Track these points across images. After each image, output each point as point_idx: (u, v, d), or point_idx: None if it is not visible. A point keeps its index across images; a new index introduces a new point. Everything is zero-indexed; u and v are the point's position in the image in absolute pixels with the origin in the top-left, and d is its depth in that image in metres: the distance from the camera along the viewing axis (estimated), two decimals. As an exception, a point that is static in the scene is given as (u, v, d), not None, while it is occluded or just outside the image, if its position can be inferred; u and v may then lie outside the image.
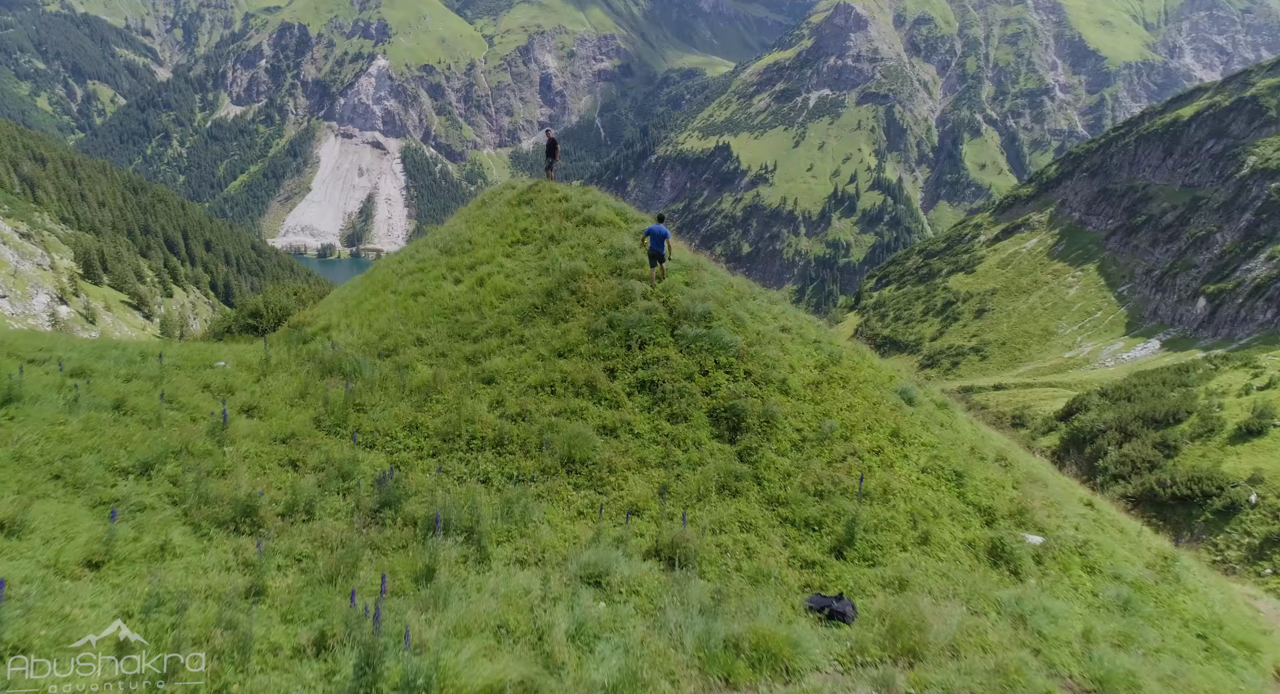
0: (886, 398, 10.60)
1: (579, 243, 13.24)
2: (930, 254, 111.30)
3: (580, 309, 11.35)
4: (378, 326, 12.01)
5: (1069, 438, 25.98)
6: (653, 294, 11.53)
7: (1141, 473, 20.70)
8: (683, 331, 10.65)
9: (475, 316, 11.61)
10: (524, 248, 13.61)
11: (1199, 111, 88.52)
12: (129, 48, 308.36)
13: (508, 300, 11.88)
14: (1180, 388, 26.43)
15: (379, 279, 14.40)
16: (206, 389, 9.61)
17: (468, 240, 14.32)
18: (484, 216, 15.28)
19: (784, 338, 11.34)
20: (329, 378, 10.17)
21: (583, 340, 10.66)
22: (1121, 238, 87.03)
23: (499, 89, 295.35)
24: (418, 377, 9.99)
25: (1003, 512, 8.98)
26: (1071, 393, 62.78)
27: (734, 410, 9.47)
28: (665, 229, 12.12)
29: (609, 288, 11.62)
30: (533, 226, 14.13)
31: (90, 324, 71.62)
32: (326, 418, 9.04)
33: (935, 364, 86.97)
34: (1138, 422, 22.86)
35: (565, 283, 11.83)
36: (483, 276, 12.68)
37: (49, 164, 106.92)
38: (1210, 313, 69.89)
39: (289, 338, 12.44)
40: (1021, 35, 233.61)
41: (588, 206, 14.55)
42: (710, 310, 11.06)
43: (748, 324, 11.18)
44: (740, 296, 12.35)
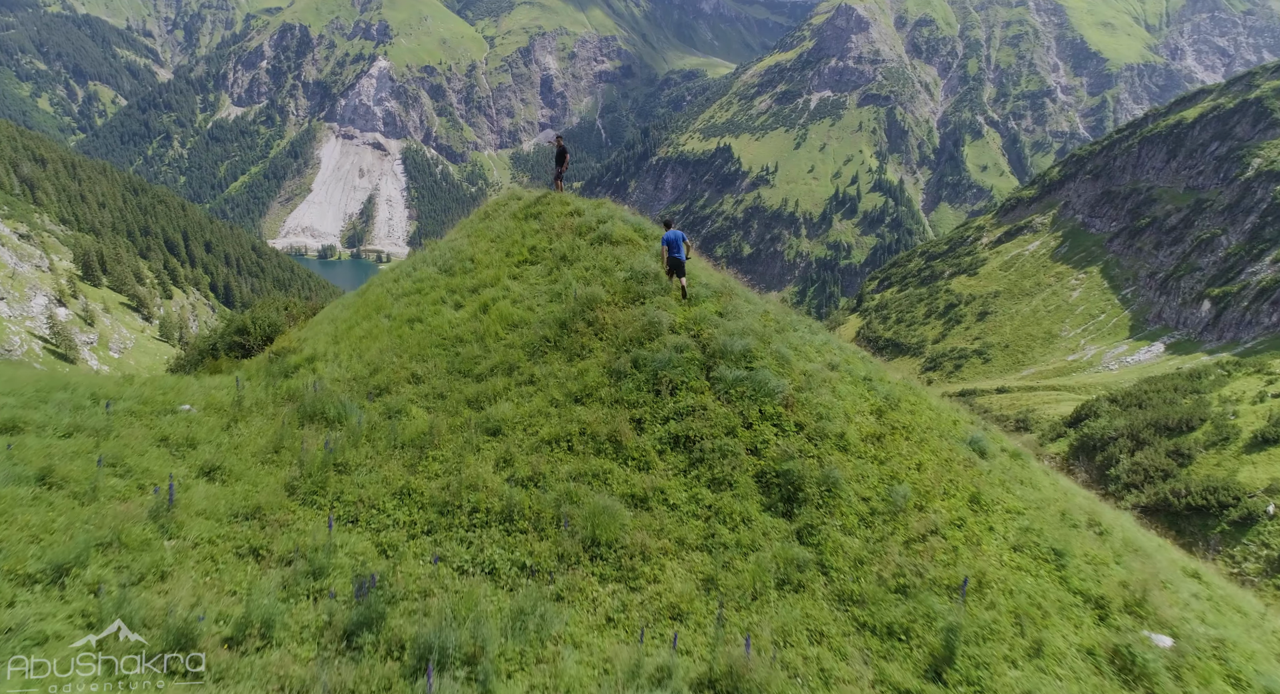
0: (956, 451, 9.24)
1: (594, 264, 11.89)
2: (932, 256, 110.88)
3: (598, 343, 9.98)
4: (368, 358, 10.76)
5: (1078, 444, 25.56)
6: (680, 327, 10.10)
7: (1155, 482, 20.28)
8: (720, 374, 9.20)
9: (478, 349, 10.31)
10: (532, 269, 12.30)
11: (1203, 113, 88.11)
12: (130, 49, 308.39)
13: (515, 331, 10.58)
14: (1192, 394, 25.97)
15: (372, 300, 13.09)
16: (163, 443, 8.22)
17: (469, 258, 13.05)
18: (487, 231, 14.00)
19: (833, 378, 9.81)
20: (310, 425, 8.91)
21: (603, 382, 9.28)
22: (1125, 240, 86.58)
23: (500, 90, 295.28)
24: (412, 425, 8.74)
25: (1116, 601, 7.46)
26: (1076, 396, 62.39)
27: (788, 476, 8.00)
28: (682, 233, 11.34)
29: (631, 318, 10.26)
30: (542, 244, 12.84)
31: (89, 326, 71.26)
32: (302, 482, 7.77)
33: (938, 367, 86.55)
34: (1150, 429, 22.39)
35: (580, 312, 10.48)
36: (486, 302, 11.40)
37: (49, 165, 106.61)
38: (1215, 316, 69.41)
39: (269, 370, 11.17)
40: (1023, 37, 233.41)
41: (603, 222, 13.20)
42: (750, 348, 9.62)
43: (793, 363, 9.72)
44: (781, 328, 10.85)
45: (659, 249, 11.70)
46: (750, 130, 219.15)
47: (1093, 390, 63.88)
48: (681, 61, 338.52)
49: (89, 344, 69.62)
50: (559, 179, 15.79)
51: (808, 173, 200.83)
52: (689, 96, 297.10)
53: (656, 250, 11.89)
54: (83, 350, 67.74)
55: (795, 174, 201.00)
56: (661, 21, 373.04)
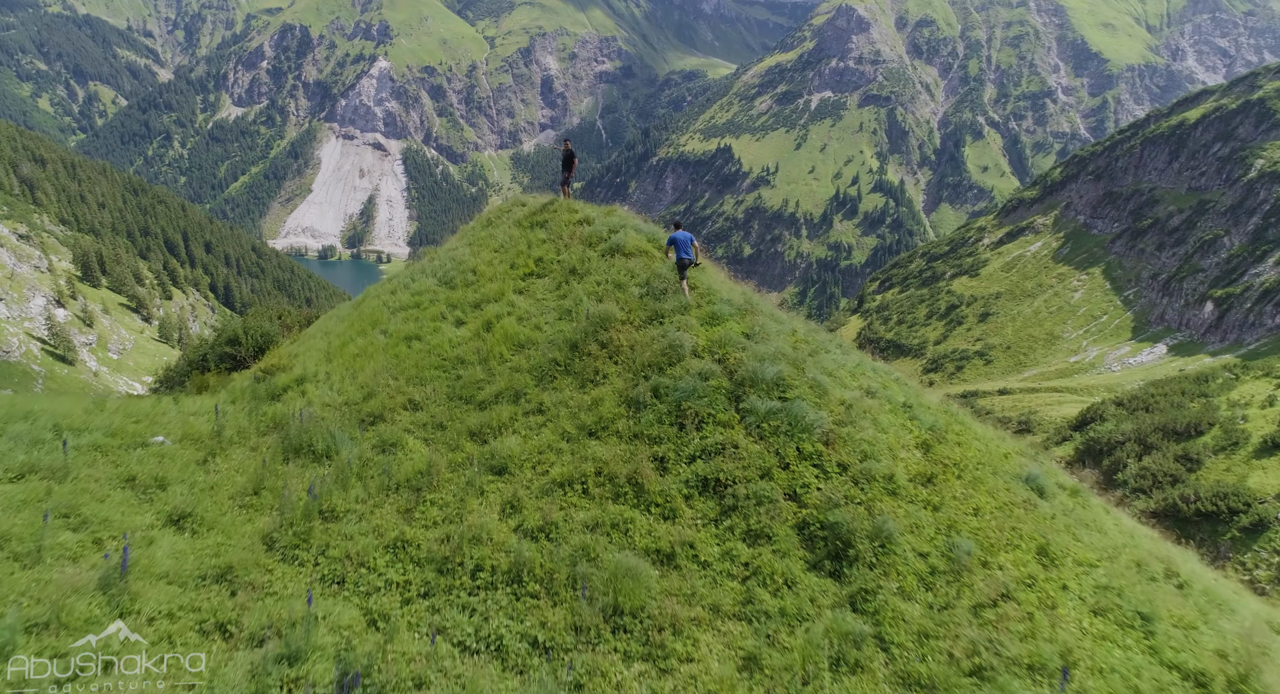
0: (1014, 491, 8.26)
1: (606, 278, 10.98)
2: (933, 257, 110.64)
3: (614, 368, 9.11)
4: (362, 380, 9.95)
5: (1084, 448, 25.28)
6: (704, 350, 9.21)
7: (1163, 487, 20.03)
8: (751, 405, 8.24)
9: (482, 372, 9.50)
10: (539, 282, 11.47)
11: (1205, 114, 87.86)
12: (130, 49, 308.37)
13: (521, 353, 9.76)
14: (1200, 398, 25.69)
15: (367, 313, 12.23)
16: (129, 485, 7.28)
17: (471, 270, 12.21)
18: (490, 240, 13.17)
19: (873, 407, 8.81)
20: (295, 460, 8.10)
21: (619, 413, 8.41)
22: (1127, 241, 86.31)
23: (500, 91, 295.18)
24: (409, 462, 7.93)
25: (1218, 678, 6.41)
26: (1078, 398, 62.10)
27: (835, 529, 7.00)
28: (690, 235, 10.81)
29: (649, 340, 9.36)
30: (549, 255, 12.03)
31: (88, 327, 71.01)
32: (283, 533, 6.89)
33: (939, 368, 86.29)
34: (1157, 433, 22.14)
35: (593, 332, 9.63)
36: (490, 319, 10.59)
37: (49, 165, 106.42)
38: (1218, 317, 69.14)
39: (255, 392, 10.32)
40: (1024, 37, 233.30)
41: (614, 232, 12.23)
42: (783, 375, 8.66)
43: (830, 392, 8.68)
44: (814, 351, 9.80)
45: (674, 262, 11.00)
46: (751, 131, 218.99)
47: (1095, 392, 63.61)
48: (682, 62, 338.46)
49: (88, 345, 69.37)
50: (566, 185, 14.89)
51: (808, 173, 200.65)
52: (689, 97, 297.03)
53: (673, 262, 11.06)
54: (81, 351, 67.50)
55: (796, 175, 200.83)
56: (662, 22, 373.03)
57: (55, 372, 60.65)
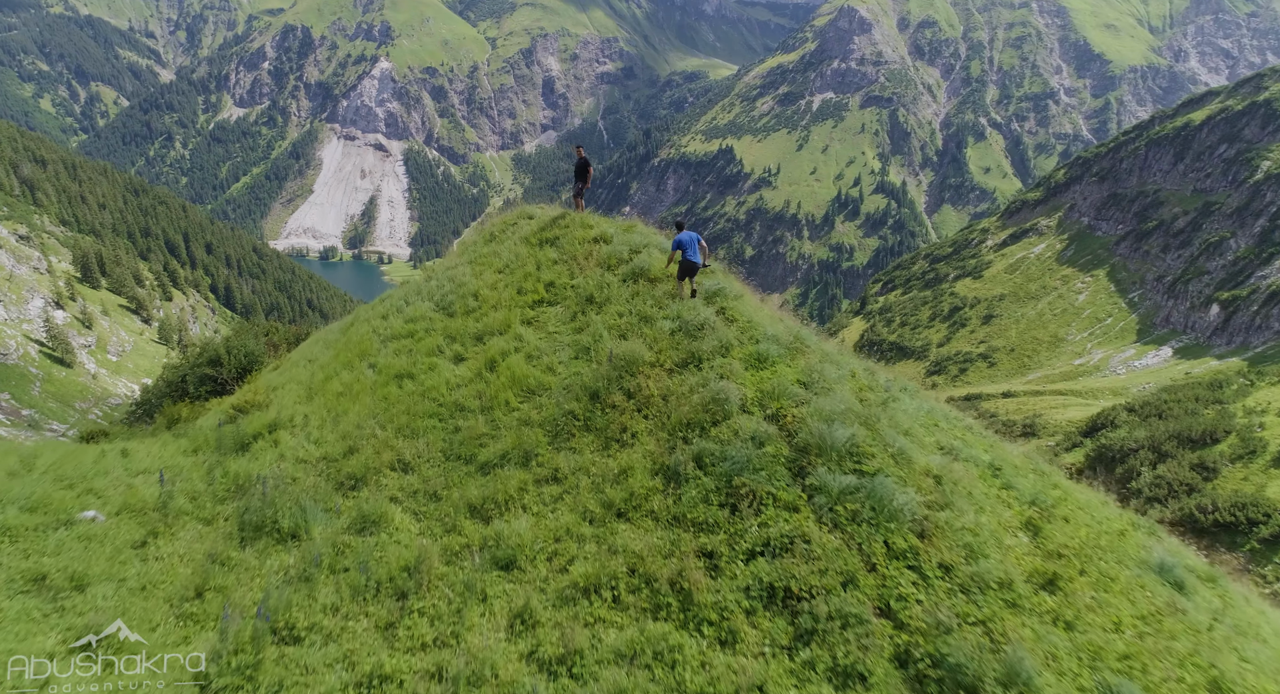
0: (1151, 590, 6.70)
1: (629, 309, 9.53)
2: (936, 259, 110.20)
3: (643, 424, 7.67)
4: (345, 427, 8.71)
5: (1095, 455, 24.82)
6: (753, 403, 7.63)
7: (1179, 496, 19.60)
8: (820, 481, 6.57)
9: (485, 424, 8.17)
10: (551, 311, 10.07)
11: (1210, 116, 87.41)
12: (132, 50, 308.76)
13: (531, 400, 8.41)
14: (1215, 405, 25.21)
15: (355, 342, 10.96)
16: (37, 587, 5.85)
17: (473, 294, 10.90)
18: (494, 258, 11.90)
19: (962, 476, 7.13)
20: (255, 543, 6.73)
21: (654, 487, 6.92)
22: (1132, 243, 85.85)
23: (501, 91, 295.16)
24: (394, 552, 6.51)
25: None
26: (1083, 401, 61.66)
27: (953, 669, 5.19)
28: (696, 235, 9.97)
29: (685, 390, 7.88)
30: (561, 279, 10.65)
31: (87, 329, 70.74)
32: (221, 672, 5.23)
33: (943, 370, 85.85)
34: (1172, 441, 21.68)
35: (617, 377, 8.22)
36: (494, 356, 9.22)
37: (49, 166, 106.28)
38: (1224, 320, 68.68)
39: (221, 439, 9.01)
40: (1026, 38, 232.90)
41: (636, 252, 10.69)
42: (856, 440, 6.94)
43: (914, 460, 7.01)
44: (884, 401, 8.10)
45: (711, 287, 9.68)
46: (752, 132, 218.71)
47: (1100, 395, 63.17)
48: (683, 63, 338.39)
49: (86, 347, 69.09)
50: (579, 197, 13.34)
51: (810, 174, 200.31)
52: (691, 98, 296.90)
53: (705, 289, 9.76)
54: (80, 353, 67.21)
55: (797, 176, 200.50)
56: (663, 23, 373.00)
57: (53, 374, 60.37)
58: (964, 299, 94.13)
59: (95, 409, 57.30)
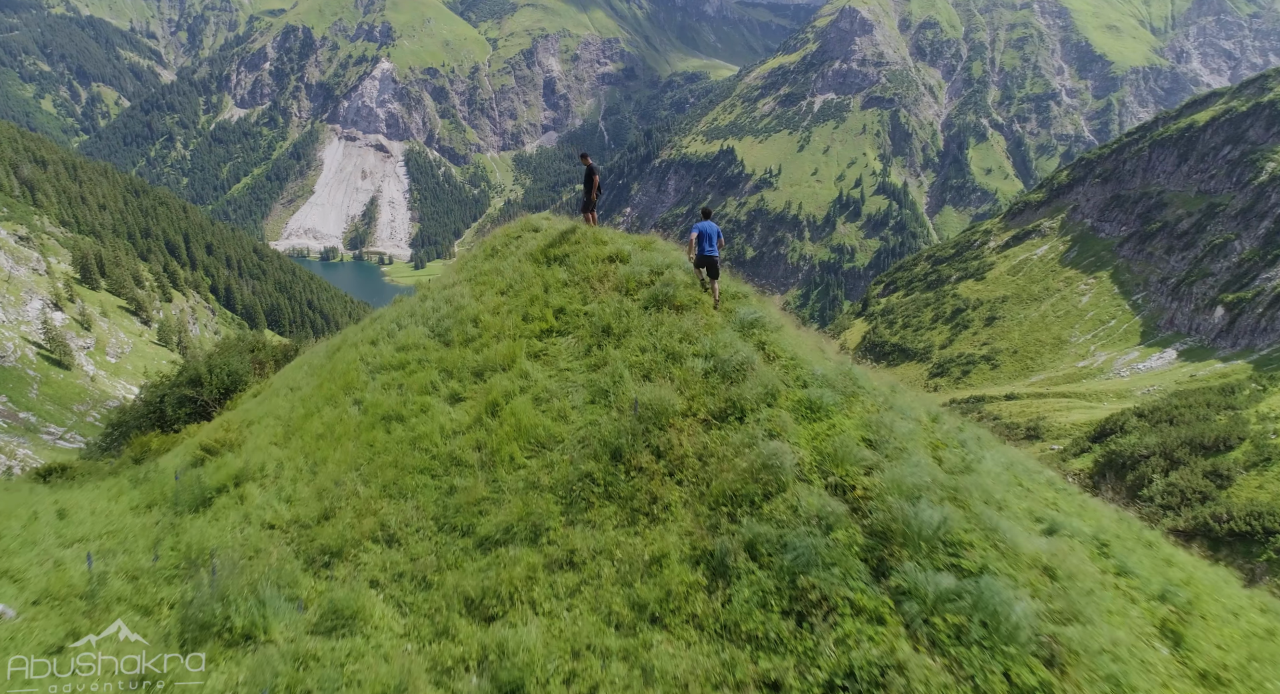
0: None
1: (654, 343, 8.23)
2: (939, 260, 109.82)
3: (677, 492, 6.36)
4: (322, 482, 7.70)
5: (1105, 461, 24.43)
6: (811, 468, 6.30)
7: (1193, 505, 19.19)
8: (909, 582, 5.13)
9: (485, 486, 7.02)
10: (561, 343, 8.84)
11: (1214, 117, 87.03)
12: (133, 50, 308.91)
13: (540, 456, 7.23)
14: (1227, 411, 24.80)
15: (341, 371, 9.84)
16: None
17: (472, 319, 9.72)
18: (496, 276, 10.71)
19: (1075, 566, 5.59)
20: (200, 646, 5.40)
21: (695, 583, 5.56)
22: (1135, 245, 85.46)
23: (502, 92, 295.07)
24: (370, 673, 5.10)
25: None
26: (1087, 404, 61.28)
27: None
28: (717, 227, 9.20)
29: (728, 450, 6.56)
30: (573, 305, 9.40)
31: (85, 330, 70.44)
32: None
33: (945, 373, 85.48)
34: (1184, 447, 21.27)
35: (643, 432, 6.94)
36: (497, 398, 8.05)
37: (50, 167, 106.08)
38: (1229, 322, 68.25)
39: (179, 493, 7.96)
40: (1027, 39, 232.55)
41: (657, 274, 9.40)
42: (949, 523, 5.51)
43: (1019, 547, 5.48)
44: (966, 462, 6.69)
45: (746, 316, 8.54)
46: (753, 133, 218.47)
47: (1104, 398, 62.78)
48: (684, 63, 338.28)
49: (85, 349, 68.75)
50: (590, 210, 11.97)
51: (811, 175, 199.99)
52: (692, 99, 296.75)
53: (741, 319, 8.58)
54: (78, 355, 66.88)
55: (798, 177, 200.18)
56: (664, 23, 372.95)
57: (51, 376, 60.05)
58: (966, 301, 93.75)
59: (93, 412, 56.98)
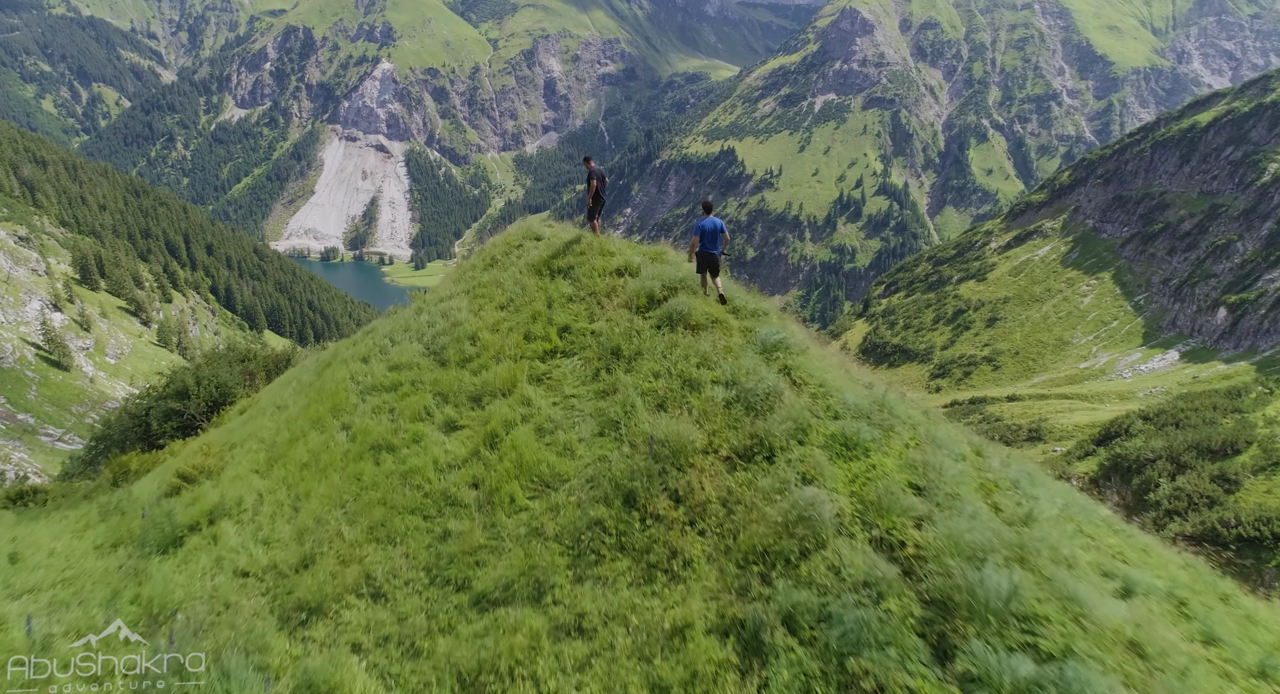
0: None
1: (668, 368, 7.43)
2: (940, 261, 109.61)
3: (699, 544, 5.50)
4: (304, 521, 7.12)
5: (1110, 465, 24.20)
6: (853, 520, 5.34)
7: (1200, 510, 18.97)
8: (978, 665, 4.14)
9: (482, 532, 6.29)
10: (566, 365, 8.15)
11: (1217, 118, 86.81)
12: (134, 50, 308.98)
13: (544, 496, 6.48)
14: (1234, 414, 24.57)
15: (329, 391, 9.26)
16: None
17: (470, 337, 9.06)
18: (496, 289, 10.02)
19: (1161, 636, 4.64)
20: None
21: (724, 661, 4.65)
22: (1137, 246, 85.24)
23: (503, 92, 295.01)
24: None
25: None
26: (1089, 405, 61.05)
27: None
28: (721, 222, 8.70)
29: (757, 496, 5.69)
30: (579, 323, 8.70)
31: (85, 331, 70.30)
32: None
33: (947, 374, 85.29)
34: (1191, 452, 21.05)
35: (659, 472, 6.11)
36: (496, 429, 7.37)
37: (50, 167, 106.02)
38: (1232, 323, 68.01)
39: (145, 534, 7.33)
40: (1028, 40, 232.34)
41: (671, 290, 8.66)
42: (1020, 592, 4.51)
43: (1098, 614, 4.51)
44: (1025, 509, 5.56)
45: (770, 337, 7.72)
46: (754, 133, 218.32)
47: (1106, 399, 62.58)
48: (685, 64, 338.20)
49: (84, 350, 68.63)
50: (595, 218, 11.15)
51: (812, 176, 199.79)
52: (692, 99, 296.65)
53: (764, 340, 7.79)
54: (78, 356, 66.75)
55: (799, 177, 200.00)
56: (665, 24, 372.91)
57: (49, 377, 59.90)
58: (968, 302, 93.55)
59: (92, 413, 56.83)
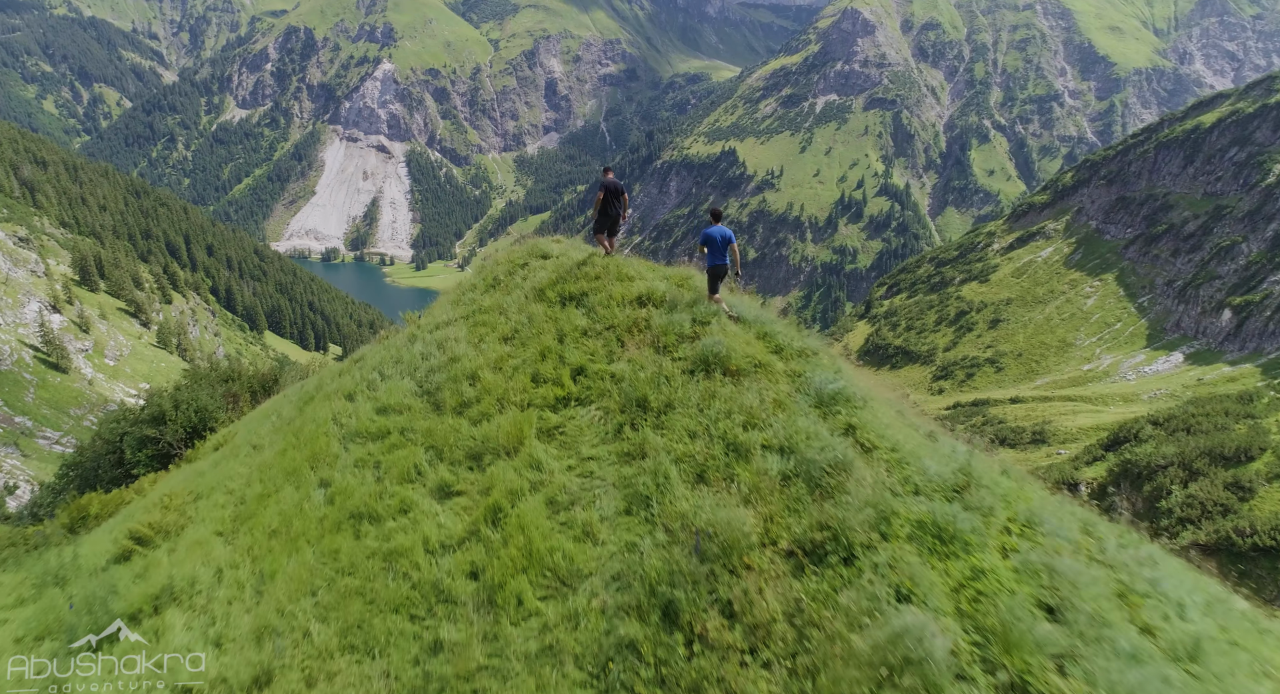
0: None
1: (708, 427, 5.93)
2: (942, 262, 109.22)
3: (762, 681, 4.10)
4: (266, 615, 6.04)
5: (1119, 471, 23.84)
6: (964, 656, 3.84)
7: (1214, 518, 18.60)
8: None
9: (481, 644, 5.02)
10: (581, 415, 6.74)
11: (1221, 118, 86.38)
12: (135, 51, 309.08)
13: (559, 596, 5.15)
14: (1246, 420, 24.17)
15: (309, 435, 8.22)
16: None
17: (469, 375, 7.77)
18: (499, 318, 8.70)
19: None
20: None
21: None
22: (1141, 247, 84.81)
23: (504, 93, 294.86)
24: None
25: None
26: (1093, 407, 60.65)
27: None
28: (730, 232, 8.06)
29: (837, 618, 4.22)
30: (596, 364, 7.22)
31: (84, 333, 69.99)
32: None
33: (949, 375, 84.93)
34: (1203, 458, 20.65)
35: (706, 577, 4.71)
36: (499, 501, 6.06)
37: (50, 167, 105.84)
38: (1237, 326, 67.56)
39: (74, 628, 6.46)
40: (1030, 41, 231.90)
41: (703, 324, 7.22)
42: None
43: None
44: (1194, 644, 3.96)
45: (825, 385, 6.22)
46: (755, 134, 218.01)
47: (1110, 401, 62.18)
48: (686, 65, 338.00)
49: (83, 352, 68.31)
50: (610, 235, 9.60)
51: (813, 177, 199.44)
52: (693, 100, 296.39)
53: (819, 390, 6.24)
54: (76, 358, 66.44)
55: (800, 178, 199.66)
56: (666, 24, 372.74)
57: (47, 380, 59.58)
58: (970, 303, 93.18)
59: (90, 415, 56.51)
